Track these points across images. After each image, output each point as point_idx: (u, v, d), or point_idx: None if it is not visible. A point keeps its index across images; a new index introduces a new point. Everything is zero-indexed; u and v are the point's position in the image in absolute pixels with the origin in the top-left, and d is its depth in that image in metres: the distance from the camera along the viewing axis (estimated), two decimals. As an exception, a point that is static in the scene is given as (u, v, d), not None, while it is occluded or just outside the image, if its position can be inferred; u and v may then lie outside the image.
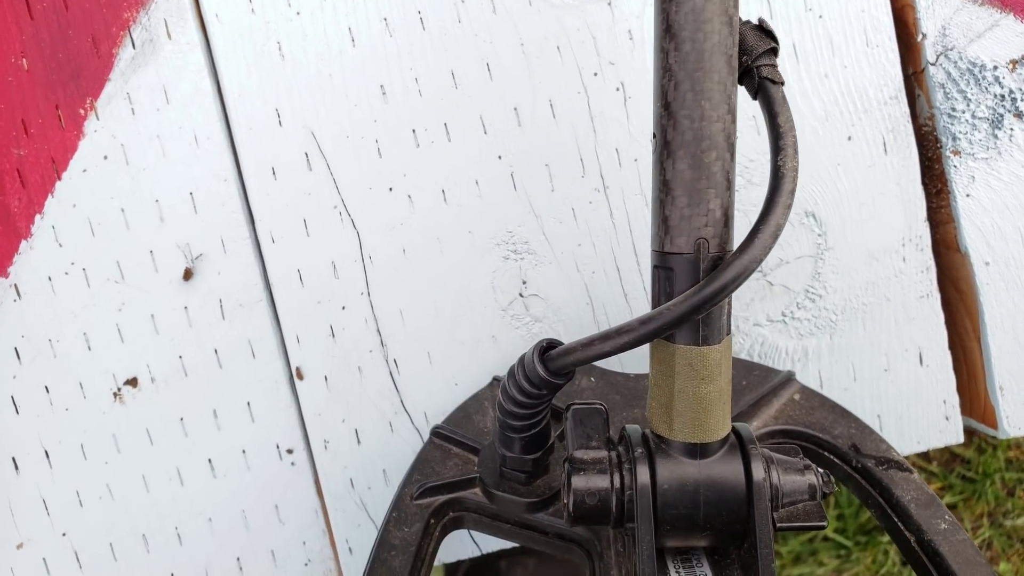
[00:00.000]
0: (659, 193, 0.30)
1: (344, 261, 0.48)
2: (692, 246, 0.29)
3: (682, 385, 0.31)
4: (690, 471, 0.31)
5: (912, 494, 0.36)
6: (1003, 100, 0.47)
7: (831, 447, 0.37)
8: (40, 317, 0.47)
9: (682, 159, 0.29)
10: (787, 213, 0.28)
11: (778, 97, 0.30)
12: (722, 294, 0.28)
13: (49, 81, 0.46)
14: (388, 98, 0.47)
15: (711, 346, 0.30)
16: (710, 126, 0.29)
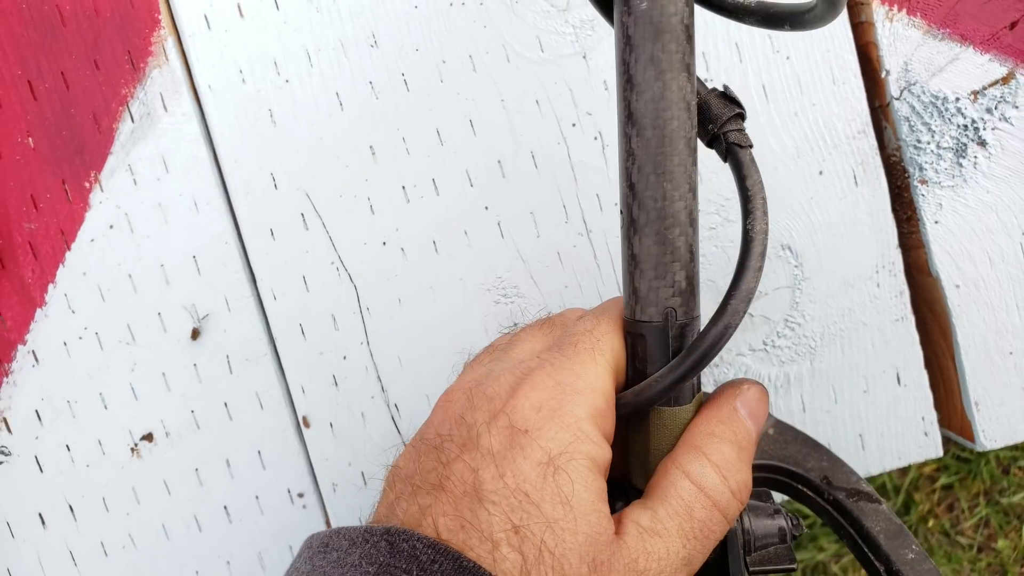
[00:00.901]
0: (628, 266, 0.32)
1: (343, 313, 0.50)
2: (661, 315, 0.32)
3: (656, 444, 0.33)
4: None
5: (881, 525, 0.38)
6: (966, 130, 0.49)
7: (804, 480, 0.40)
8: (58, 380, 0.50)
9: (648, 236, 0.31)
10: (758, 276, 0.30)
11: (746, 160, 0.32)
12: (702, 364, 0.30)
13: (55, 158, 0.48)
14: (377, 157, 0.49)
15: (683, 406, 0.33)
16: (672, 205, 0.31)
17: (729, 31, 0.49)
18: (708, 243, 0.50)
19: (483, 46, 0.48)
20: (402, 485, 0.30)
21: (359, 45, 0.48)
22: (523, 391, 0.30)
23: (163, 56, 0.48)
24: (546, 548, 0.27)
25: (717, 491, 0.31)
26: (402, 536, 0.26)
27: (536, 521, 0.27)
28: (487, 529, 0.27)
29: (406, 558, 0.26)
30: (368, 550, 0.27)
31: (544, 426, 0.29)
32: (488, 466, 0.28)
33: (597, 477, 0.29)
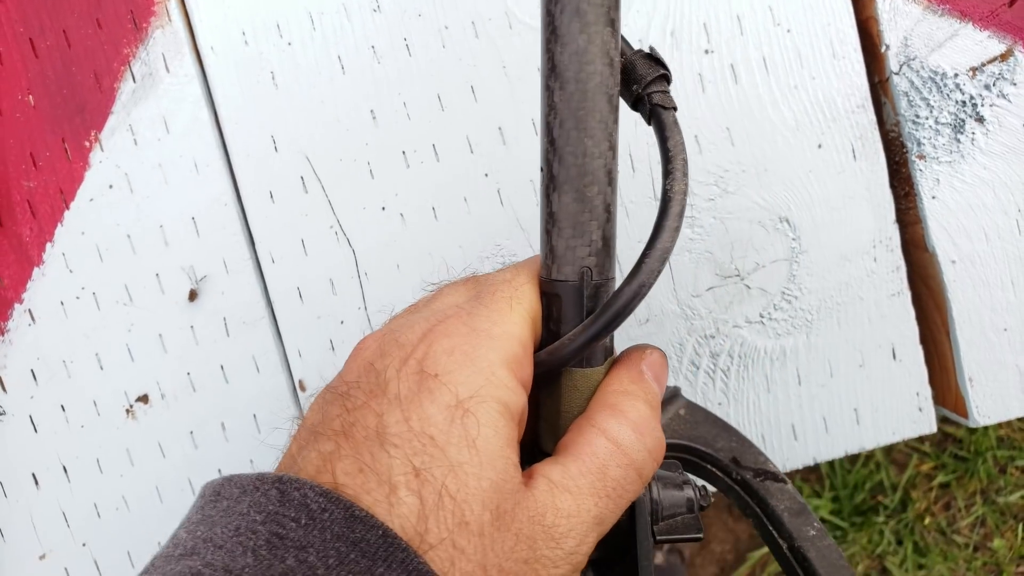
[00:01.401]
0: (546, 224, 0.32)
1: (341, 278, 0.50)
2: (577, 274, 0.31)
3: (567, 405, 0.33)
4: None
5: (785, 503, 0.39)
6: (964, 106, 0.49)
7: (713, 460, 0.40)
8: (54, 340, 0.50)
9: (567, 193, 0.31)
10: (675, 236, 0.30)
11: (668, 122, 0.32)
12: (616, 321, 0.30)
13: (55, 116, 0.48)
14: (378, 122, 0.49)
15: (595, 368, 0.33)
16: (592, 162, 0.31)
17: (731, 3, 0.49)
18: (706, 215, 0.50)
19: (486, 12, 0.49)
20: (306, 434, 0.29)
21: (362, 9, 0.48)
22: (435, 336, 0.29)
23: (166, 16, 0.48)
24: (447, 492, 0.26)
25: (634, 449, 0.30)
26: (293, 484, 0.25)
27: (439, 464, 0.26)
28: (386, 472, 0.26)
29: (296, 506, 0.25)
30: (258, 498, 0.26)
31: (455, 370, 0.28)
32: (394, 410, 0.27)
33: (508, 424, 0.28)
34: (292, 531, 0.24)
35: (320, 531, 0.24)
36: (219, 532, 0.25)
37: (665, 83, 0.33)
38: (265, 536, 0.24)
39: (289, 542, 0.24)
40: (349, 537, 0.24)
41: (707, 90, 0.50)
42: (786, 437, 0.52)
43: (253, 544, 0.24)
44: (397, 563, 0.24)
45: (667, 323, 0.51)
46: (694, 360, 0.51)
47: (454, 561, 0.25)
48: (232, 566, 0.24)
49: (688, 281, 0.51)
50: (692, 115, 0.50)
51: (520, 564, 0.27)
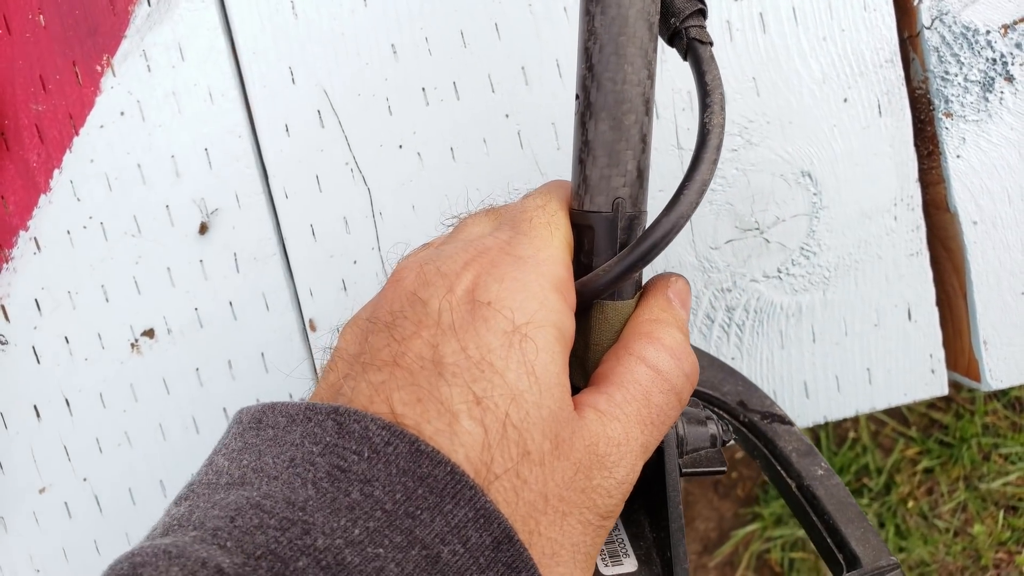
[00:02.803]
0: (580, 153, 0.31)
1: (356, 216, 0.49)
2: (610, 205, 0.31)
3: (597, 338, 0.32)
4: None
5: (793, 444, 0.39)
6: (994, 64, 0.49)
7: (720, 403, 0.41)
8: (59, 269, 0.48)
9: (603, 120, 0.30)
10: (713, 168, 0.30)
11: (706, 56, 0.32)
12: (654, 252, 0.30)
13: (66, 38, 0.47)
14: (399, 57, 0.48)
15: (625, 301, 0.32)
16: (631, 89, 0.30)
17: (762, -50, 0.49)
18: (729, 165, 0.50)
19: (513, -52, 0.48)
20: (347, 365, 0.28)
21: (386, -60, 0.47)
22: (481, 265, 0.29)
23: (184, -62, 0.47)
24: (510, 422, 0.25)
25: (673, 374, 0.30)
26: (353, 416, 0.24)
27: (500, 392, 0.25)
28: (447, 401, 0.25)
29: (357, 439, 0.24)
30: (311, 428, 0.24)
31: (508, 296, 0.27)
32: (449, 340, 0.26)
33: (564, 349, 0.28)
34: (355, 464, 0.23)
35: (385, 465, 0.23)
36: (270, 462, 0.24)
37: (702, 17, 0.33)
38: (325, 468, 0.23)
39: (353, 475, 0.23)
40: (416, 472, 0.23)
41: (735, 38, 0.49)
42: (798, 394, 0.52)
43: (313, 476, 0.23)
44: (465, 500, 0.23)
45: (684, 275, 0.50)
46: (709, 314, 0.51)
47: (518, 491, 0.25)
48: (294, 498, 0.23)
49: (707, 233, 0.50)
50: (719, 63, 0.49)
51: (578, 493, 0.26)
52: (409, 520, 0.23)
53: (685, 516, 1.56)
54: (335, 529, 0.22)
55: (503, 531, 0.23)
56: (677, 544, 0.31)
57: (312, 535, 0.22)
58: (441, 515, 0.23)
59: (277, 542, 0.21)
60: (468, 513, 0.23)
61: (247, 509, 0.22)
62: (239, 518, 0.22)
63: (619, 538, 0.33)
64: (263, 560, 0.21)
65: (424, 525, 0.23)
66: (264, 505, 0.23)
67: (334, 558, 0.21)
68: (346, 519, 0.22)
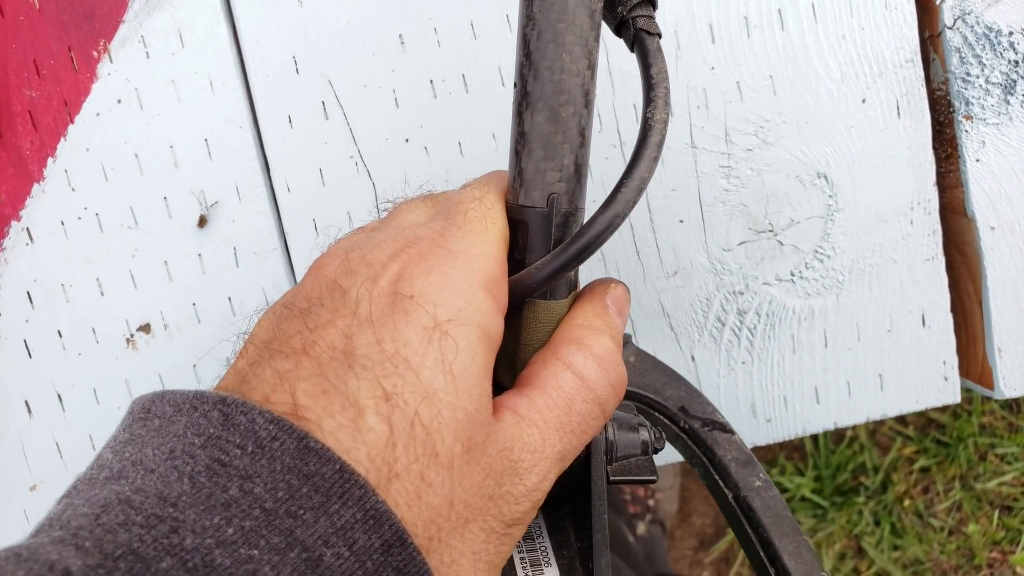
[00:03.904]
0: (516, 144, 0.30)
1: (359, 211, 0.48)
2: (545, 200, 0.30)
3: (527, 337, 0.31)
4: None
5: (733, 454, 0.39)
6: (1017, 66, 0.48)
7: (661, 408, 0.40)
8: (53, 261, 0.47)
9: (540, 111, 0.29)
10: (654, 166, 0.28)
11: (652, 48, 0.30)
12: (588, 251, 0.29)
13: (61, 21, 0.45)
14: (406, 47, 0.47)
15: (559, 300, 0.31)
16: (569, 80, 0.29)
17: (782, -56, 0.47)
18: (744, 165, 0.48)
19: (526, -63, 0.46)
20: (257, 351, 0.26)
21: (395, -74, 0.46)
22: (408, 256, 0.27)
23: (185, -80, 0.45)
24: (419, 421, 0.24)
25: (599, 383, 0.29)
26: (239, 407, 0.23)
27: (412, 389, 0.24)
28: (353, 395, 0.24)
29: (242, 432, 0.22)
30: (196, 419, 0.23)
31: (433, 291, 0.26)
32: (365, 331, 0.25)
33: (487, 351, 0.27)
34: (236, 459, 0.22)
35: (269, 461, 0.22)
36: (150, 454, 0.23)
37: (651, 7, 0.31)
38: (205, 462, 0.22)
39: (233, 470, 0.22)
40: (302, 470, 0.22)
41: (752, 35, 0.48)
42: (808, 400, 0.51)
43: (191, 470, 0.22)
44: (353, 500, 0.22)
45: (696, 277, 0.49)
46: (720, 317, 0.50)
47: (420, 494, 0.24)
48: (167, 493, 0.21)
49: (720, 234, 0.49)
50: (735, 60, 0.48)
51: (485, 500, 0.25)
52: (290, 520, 0.21)
53: (683, 511, 1.56)
54: (206, 528, 0.21)
55: (394, 533, 0.22)
56: (599, 555, 0.31)
57: (180, 533, 0.20)
58: (326, 515, 0.22)
59: (141, 540, 0.20)
60: (356, 514, 0.22)
61: (114, 505, 0.21)
62: (104, 515, 0.21)
63: (542, 546, 0.33)
64: (122, 560, 0.20)
65: (306, 526, 0.21)
66: (133, 501, 0.21)
67: (202, 559, 0.20)
68: (220, 517, 0.21)
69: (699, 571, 1.56)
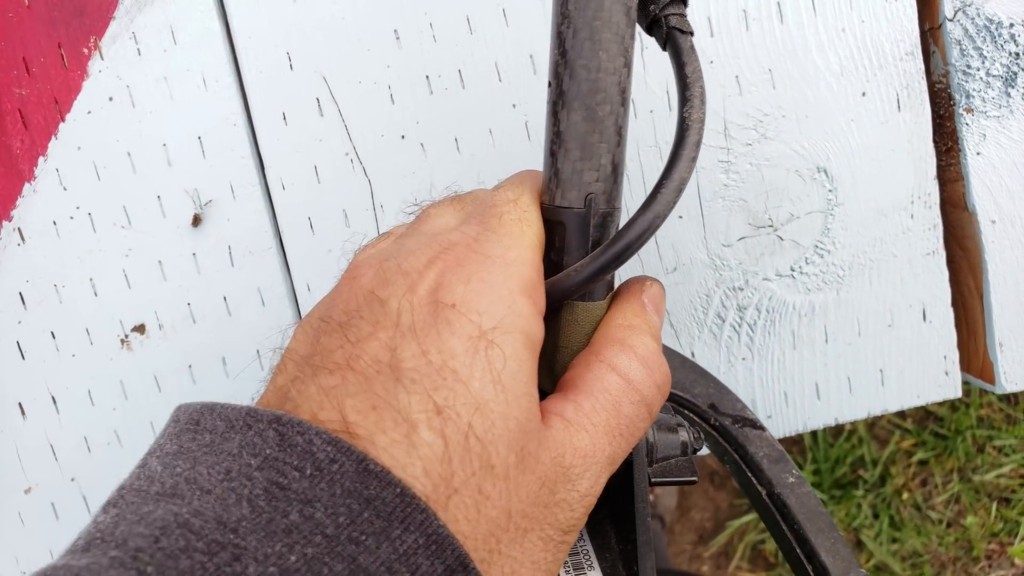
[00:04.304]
0: (552, 145, 0.30)
1: (355, 209, 0.47)
2: (582, 201, 0.29)
3: (566, 340, 0.31)
4: None
5: (764, 450, 0.38)
6: (1018, 58, 0.47)
7: (691, 406, 0.39)
8: (45, 262, 0.46)
9: (577, 111, 0.29)
10: (692, 167, 0.28)
11: (686, 47, 0.30)
12: (628, 252, 0.28)
13: (51, 18, 0.45)
14: (402, 43, 0.46)
15: (596, 302, 0.31)
16: (606, 78, 0.28)
17: (781, -64, 0.47)
18: (743, 160, 0.48)
19: (522, -70, 0.45)
20: (297, 367, 0.25)
21: (389, -81, 0.45)
22: (446, 263, 0.27)
23: (176, -85, 0.45)
24: (473, 433, 0.23)
25: (645, 384, 0.28)
26: (296, 427, 0.22)
27: (463, 402, 0.24)
28: (404, 410, 0.23)
29: (299, 453, 0.22)
30: (251, 438, 0.22)
31: (474, 299, 0.25)
32: (409, 343, 0.24)
33: (532, 357, 0.26)
34: (295, 482, 0.22)
35: (328, 484, 0.21)
36: (204, 473, 0.22)
37: (683, 5, 0.31)
38: (263, 485, 0.22)
39: (292, 494, 0.21)
40: (362, 494, 0.21)
41: (751, 28, 0.47)
42: (809, 396, 0.51)
43: (249, 493, 0.21)
44: (415, 525, 0.21)
45: (695, 273, 0.49)
46: (720, 313, 0.49)
47: (479, 507, 0.23)
48: (226, 517, 0.21)
49: (720, 230, 0.48)
50: (734, 54, 0.47)
51: (541, 508, 0.25)
52: (352, 546, 0.21)
53: (682, 506, 1.56)
54: (268, 555, 0.20)
55: (457, 558, 0.22)
56: (644, 557, 0.30)
57: (243, 561, 0.20)
58: (388, 541, 0.21)
59: (204, 568, 0.20)
60: (419, 539, 0.21)
61: (174, 528, 0.21)
62: (164, 538, 0.20)
63: (584, 549, 0.32)
64: None
65: (369, 552, 0.21)
66: (193, 524, 0.21)
67: None
68: (282, 544, 0.20)
69: (699, 565, 1.56)
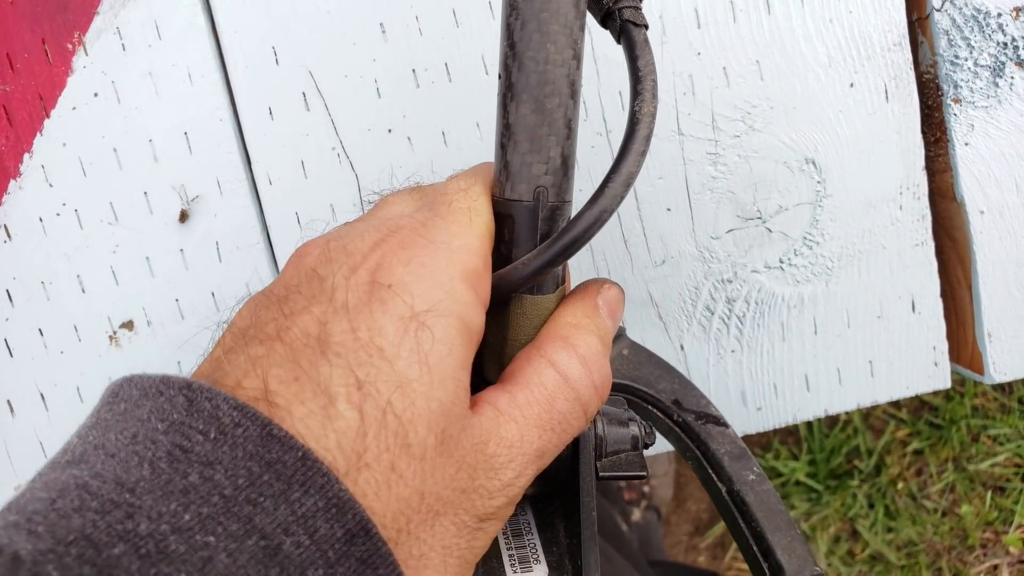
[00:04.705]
0: (501, 137, 0.30)
1: (343, 204, 0.47)
2: (531, 194, 0.29)
3: (514, 333, 0.31)
4: None
5: (726, 447, 0.38)
6: (1005, 48, 0.47)
7: (655, 401, 0.40)
8: (32, 259, 0.46)
9: (525, 103, 0.29)
10: (641, 160, 0.28)
11: (639, 40, 0.30)
12: (575, 246, 0.28)
13: (35, 14, 0.44)
14: (388, 36, 0.46)
15: (545, 295, 0.31)
16: (554, 70, 0.28)
17: (768, -74, 0.46)
18: (731, 152, 0.48)
19: (508, -78, 0.45)
20: (233, 338, 0.26)
21: (374, -88, 0.45)
22: (389, 246, 0.27)
23: (159, -91, 0.44)
24: (392, 410, 0.24)
25: (582, 384, 0.29)
26: (204, 393, 0.23)
27: (386, 379, 0.24)
28: (324, 382, 0.23)
29: (205, 418, 0.22)
30: (161, 404, 0.23)
31: (412, 281, 0.26)
32: (340, 319, 0.25)
33: (465, 344, 0.26)
34: (199, 445, 0.22)
35: (231, 448, 0.22)
36: (112, 439, 0.22)
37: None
38: (166, 447, 0.22)
39: (194, 456, 0.22)
40: (264, 457, 0.22)
41: (738, 19, 0.47)
42: (799, 387, 0.51)
43: (151, 455, 0.22)
44: (316, 488, 0.22)
45: (684, 265, 0.49)
46: (709, 305, 0.49)
47: (391, 485, 0.23)
48: (125, 478, 0.21)
49: (708, 222, 0.48)
50: (721, 46, 0.47)
51: (458, 493, 0.25)
52: (249, 507, 0.21)
53: (678, 497, 1.56)
54: (162, 514, 0.20)
55: (358, 523, 0.22)
56: (588, 551, 0.30)
57: (135, 519, 0.20)
58: (287, 503, 0.21)
59: (95, 526, 0.20)
60: (318, 502, 0.22)
61: (71, 490, 0.21)
62: (60, 499, 0.21)
63: (531, 543, 0.32)
64: (73, 546, 0.19)
65: (266, 513, 0.21)
66: (91, 486, 0.21)
67: (156, 545, 0.20)
68: (177, 503, 0.21)
69: (695, 556, 1.56)
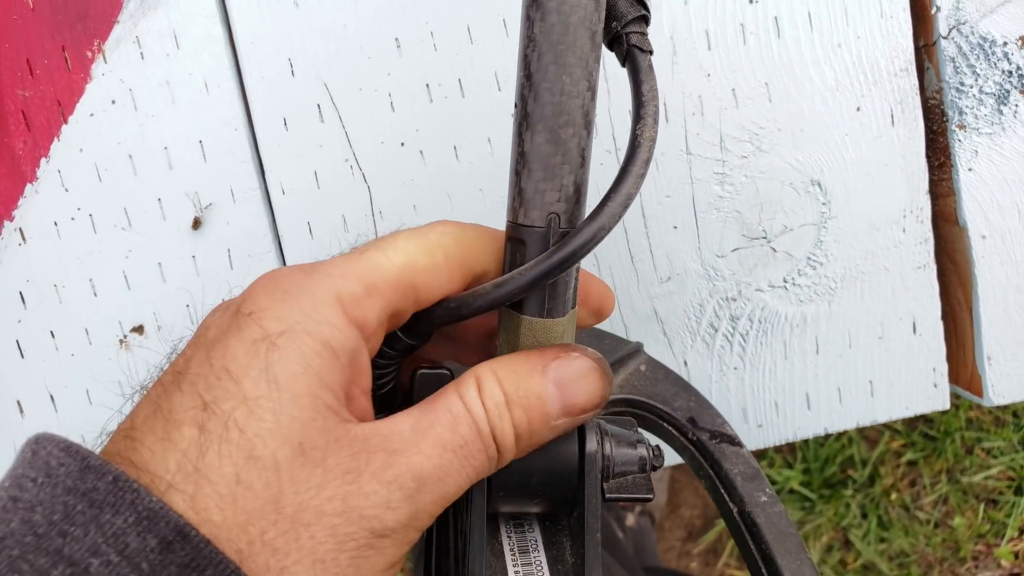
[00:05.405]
0: (516, 164, 0.30)
1: (354, 215, 0.48)
2: (544, 220, 0.30)
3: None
4: None
5: (739, 468, 0.39)
6: (1010, 76, 0.48)
7: (670, 419, 0.40)
8: (45, 262, 0.47)
9: (540, 132, 0.29)
10: (639, 183, 0.29)
11: (644, 65, 0.30)
12: (571, 260, 0.29)
13: (55, 21, 0.45)
14: (402, 51, 0.46)
15: (555, 319, 0.31)
16: (569, 101, 0.29)
17: (780, -49, 0.47)
18: (738, 172, 0.48)
19: (524, -58, 0.46)
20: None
21: (392, -72, 0.45)
22: (264, 279, 0.28)
23: (180, -80, 0.45)
24: (235, 425, 0.24)
25: (482, 421, 0.28)
26: (43, 442, 0.24)
27: (230, 397, 0.25)
28: (176, 410, 0.25)
29: (38, 465, 0.24)
30: (16, 461, 0.25)
31: (271, 307, 0.26)
32: (200, 352, 0.26)
33: (327, 362, 0.26)
34: (27, 492, 0.23)
35: (52, 488, 0.23)
36: None
37: (644, 24, 0.31)
38: (3, 501, 0.23)
39: (21, 504, 0.23)
40: (80, 488, 0.23)
41: (748, 42, 0.48)
42: (799, 406, 0.51)
43: None
44: (126, 505, 0.23)
45: (689, 283, 0.50)
46: (713, 323, 0.50)
47: (236, 497, 0.24)
48: None
49: (714, 240, 0.49)
50: (731, 67, 0.48)
51: (335, 502, 0.25)
52: (60, 539, 0.22)
53: (672, 503, 1.57)
54: None
55: (173, 529, 0.23)
56: (591, 571, 0.30)
57: None
58: (97, 527, 0.22)
59: None
60: (128, 518, 0.22)
61: None
62: None
63: (537, 560, 0.33)
64: None
65: (75, 541, 0.22)
66: None
67: None
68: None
69: (687, 562, 1.57)
